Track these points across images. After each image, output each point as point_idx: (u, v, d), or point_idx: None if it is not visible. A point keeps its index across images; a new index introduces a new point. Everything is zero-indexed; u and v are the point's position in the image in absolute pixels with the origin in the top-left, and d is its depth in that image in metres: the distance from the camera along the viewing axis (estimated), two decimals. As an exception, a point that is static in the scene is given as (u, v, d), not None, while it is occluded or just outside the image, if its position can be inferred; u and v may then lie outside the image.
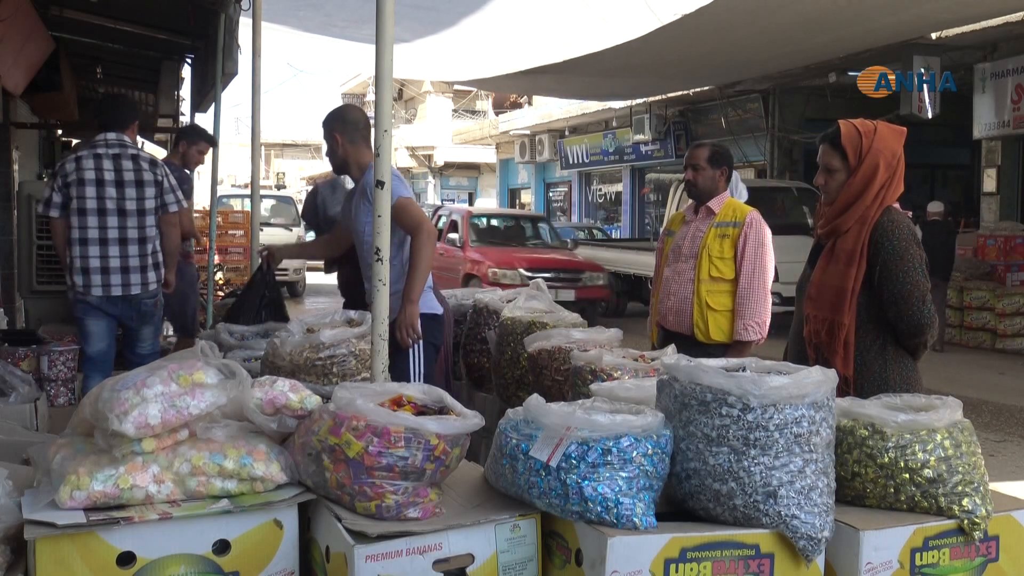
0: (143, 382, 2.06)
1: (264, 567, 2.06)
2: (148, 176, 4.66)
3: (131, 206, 4.61)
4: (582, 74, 12.45)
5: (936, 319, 2.99)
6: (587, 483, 2.00)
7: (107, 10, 7.77)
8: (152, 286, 4.70)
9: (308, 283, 18.32)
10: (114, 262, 4.57)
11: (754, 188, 13.93)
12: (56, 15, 7.54)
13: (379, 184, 2.91)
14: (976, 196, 14.04)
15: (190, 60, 9.91)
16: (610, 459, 2.02)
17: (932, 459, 2.14)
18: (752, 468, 2.01)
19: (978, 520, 2.13)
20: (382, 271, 2.92)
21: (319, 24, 9.73)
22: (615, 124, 20.93)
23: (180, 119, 11.63)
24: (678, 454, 2.12)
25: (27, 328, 5.36)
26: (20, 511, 1.97)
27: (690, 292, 4.20)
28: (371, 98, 32.22)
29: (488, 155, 29.85)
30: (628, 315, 14.65)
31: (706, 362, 2.18)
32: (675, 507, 2.16)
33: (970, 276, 11.78)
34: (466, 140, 29.87)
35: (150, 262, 4.68)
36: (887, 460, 2.15)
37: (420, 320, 3.60)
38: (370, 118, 3.67)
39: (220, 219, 12.61)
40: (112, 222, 4.57)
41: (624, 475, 2.01)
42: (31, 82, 7.20)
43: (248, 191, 9.43)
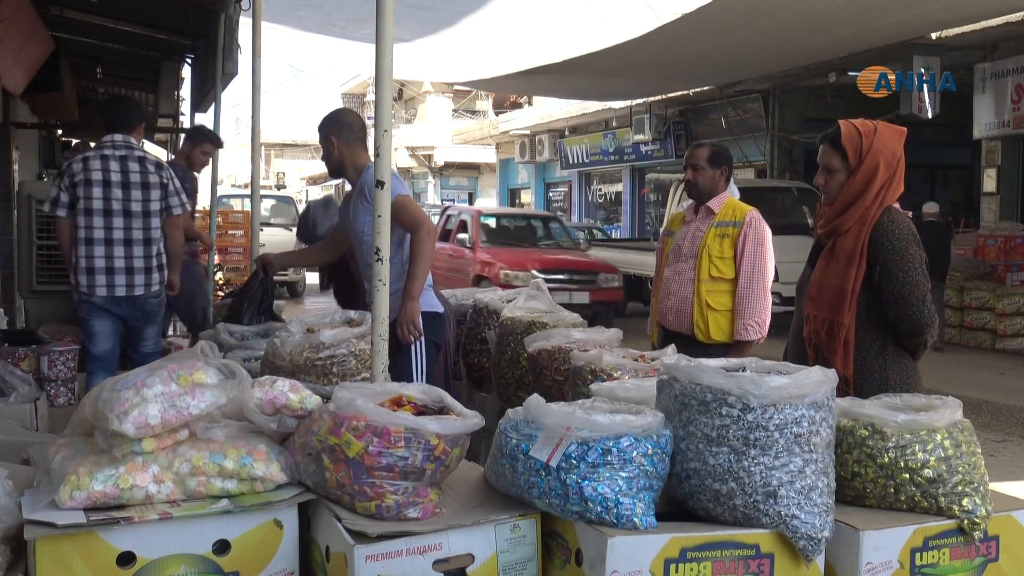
0: (143, 382, 2.06)
1: (264, 567, 2.06)
2: (154, 179, 4.72)
3: (137, 207, 4.66)
4: (582, 74, 12.44)
5: (936, 319, 2.99)
6: (587, 483, 2.00)
7: (107, 10, 7.77)
8: (155, 287, 4.74)
9: (308, 283, 18.32)
10: (119, 262, 4.62)
11: (754, 188, 14.00)
12: (56, 15, 7.54)
13: (379, 184, 2.91)
14: (976, 196, 14.04)
15: (190, 60, 9.91)
16: (610, 459, 2.02)
17: (932, 459, 2.14)
18: (752, 468, 2.01)
19: (978, 520, 2.13)
20: (382, 271, 2.92)
21: (319, 23, 9.73)
22: (615, 124, 20.92)
23: (180, 119, 11.64)
24: (678, 454, 2.12)
25: (27, 328, 5.36)
26: (20, 511, 1.97)
27: (690, 292, 4.20)
28: (371, 98, 32.25)
29: (488, 155, 29.83)
30: (628, 315, 14.65)
31: (706, 362, 2.18)
32: (675, 507, 2.16)
33: (970, 276, 11.77)
34: (466, 140, 29.86)
35: (154, 263, 4.73)
36: (887, 460, 2.15)
37: (422, 318, 3.61)
38: (369, 119, 3.68)
39: (220, 219, 12.61)
40: (118, 223, 4.62)
41: (624, 475, 2.01)
42: (31, 82, 7.22)
43: (248, 191, 9.44)
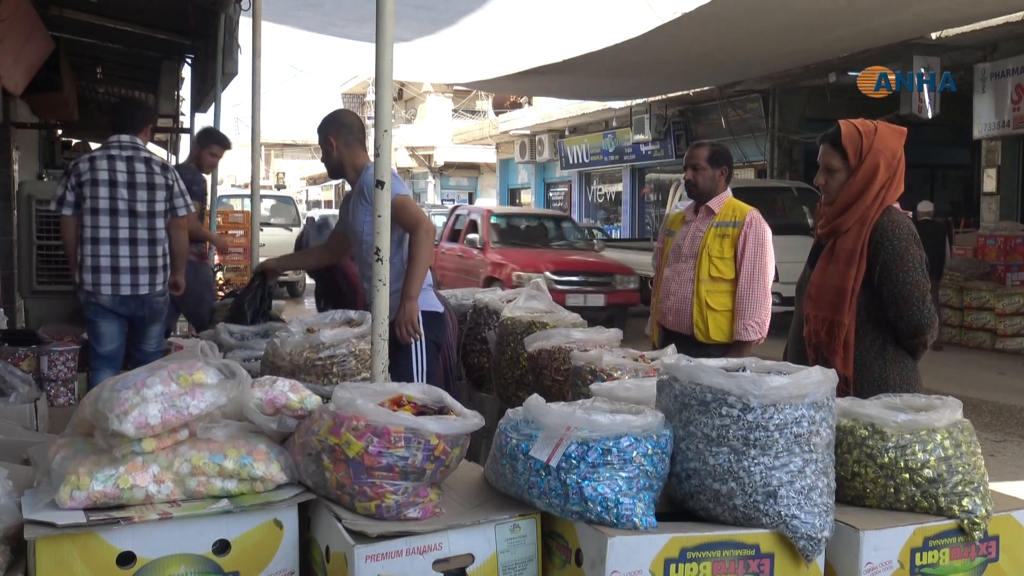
0: (143, 382, 2.06)
1: (264, 567, 2.06)
2: (159, 180, 4.75)
3: (142, 208, 4.69)
4: (582, 74, 12.43)
5: (936, 319, 2.99)
6: (587, 483, 2.00)
7: (107, 10, 7.78)
8: (159, 287, 4.78)
9: (308, 283, 18.33)
10: (124, 262, 4.64)
11: (754, 188, 14.01)
12: (56, 15, 7.54)
13: (379, 184, 2.91)
14: (976, 196, 14.03)
15: (190, 60, 9.92)
16: (610, 459, 2.02)
17: (932, 459, 2.14)
18: (752, 468, 2.01)
19: (978, 520, 2.13)
20: (382, 271, 2.92)
21: (319, 23, 9.73)
22: (615, 124, 20.91)
23: (180, 119, 11.64)
24: (678, 454, 2.12)
25: (27, 328, 5.36)
26: (20, 511, 1.97)
27: (690, 292, 4.20)
28: (371, 98, 32.23)
29: (488, 155, 29.82)
30: (628, 315, 14.63)
31: (706, 362, 2.18)
32: (675, 507, 2.16)
33: (970, 276, 11.76)
34: (466, 140, 29.85)
35: (160, 263, 4.76)
36: (887, 460, 2.15)
37: (422, 318, 3.61)
38: (369, 119, 3.69)
39: (220, 219, 12.60)
40: (123, 222, 4.64)
41: (624, 475, 2.01)
42: (31, 82, 7.22)
43: (248, 191, 9.43)
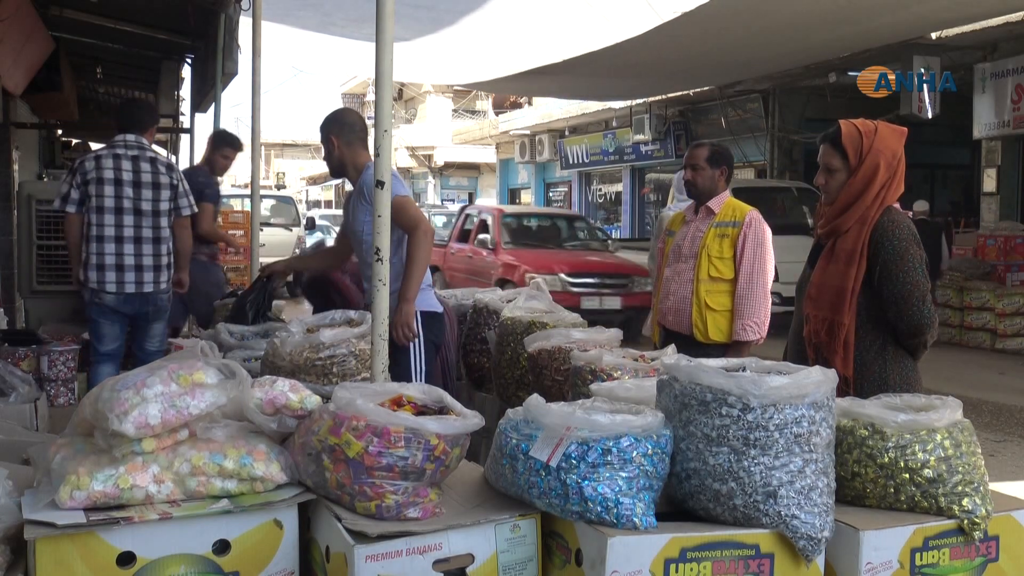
0: (143, 382, 2.06)
1: (264, 567, 2.06)
2: (164, 179, 4.78)
3: (147, 207, 4.71)
4: (582, 74, 12.42)
5: (936, 319, 2.99)
6: (587, 483, 2.00)
7: (107, 10, 7.78)
8: (164, 284, 4.79)
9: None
10: (128, 260, 4.66)
11: (754, 188, 14.00)
12: (56, 15, 7.55)
13: (379, 184, 2.91)
14: (976, 196, 14.03)
15: (190, 60, 9.92)
16: (610, 459, 2.02)
17: (932, 459, 2.14)
18: (752, 468, 2.01)
19: (978, 520, 2.13)
20: (382, 271, 2.92)
21: (319, 23, 9.74)
22: (615, 124, 20.91)
23: (180, 119, 11.64)
24: (678, 454, 2.12)
25: (27, 328, 5.37)
26: (20, 511, 1.97)
27: (689, 292, 4.20)
28: (371, 98, 32.23)
29: (488, 155, 29.81)
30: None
31: (706, 362, 2.18)
32: (675, 507, 2.16)
33: (970, 276, 11.76)
34: (466, 140, 29.85)
35: (164, 262, 4.78)
36: (887, 460, 2.15)
37: (420, 318, 3.61)
38: (369, 119, 3.69)
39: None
40: (128, 221, 4.67)
41: (624, 475, 2.01)
42: (31, 82, 7.23)
43: (248, 191, 9.43)
